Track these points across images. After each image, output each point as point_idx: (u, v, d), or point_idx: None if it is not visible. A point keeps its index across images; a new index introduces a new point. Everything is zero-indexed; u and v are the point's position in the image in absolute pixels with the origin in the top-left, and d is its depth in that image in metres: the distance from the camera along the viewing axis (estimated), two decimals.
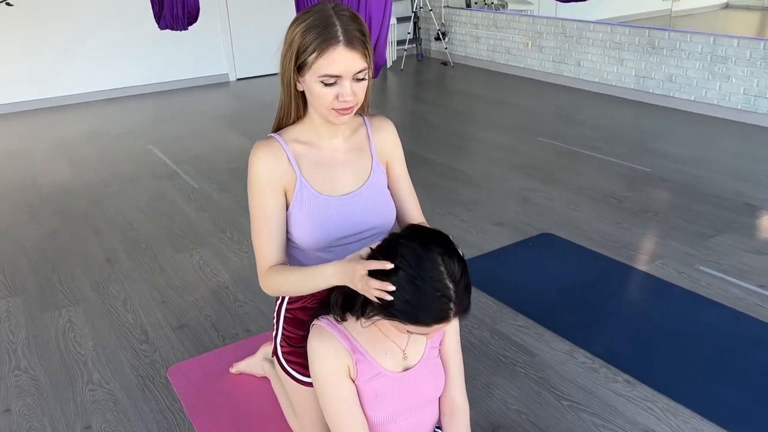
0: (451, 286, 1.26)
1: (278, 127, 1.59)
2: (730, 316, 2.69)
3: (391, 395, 1.46)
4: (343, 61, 1.37)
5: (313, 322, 1.49)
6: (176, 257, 3.36)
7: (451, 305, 1.27)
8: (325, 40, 1.36)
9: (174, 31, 4.85)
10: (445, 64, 8.07)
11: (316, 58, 1.37)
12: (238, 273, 3.17)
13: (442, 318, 1.28)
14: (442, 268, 1.26)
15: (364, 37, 1.41)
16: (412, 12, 8.18)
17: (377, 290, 1.26)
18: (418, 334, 1.32)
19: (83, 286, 3.11)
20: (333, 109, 1.43)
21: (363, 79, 1.42)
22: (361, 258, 1.32)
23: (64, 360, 2.56)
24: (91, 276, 3.20)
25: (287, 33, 1.44)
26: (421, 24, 8.46)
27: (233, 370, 2.31)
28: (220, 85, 7.39)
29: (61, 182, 4.49)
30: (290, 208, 1.53)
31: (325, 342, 1.43)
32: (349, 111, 1.44)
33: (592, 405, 2.22)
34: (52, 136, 5.60)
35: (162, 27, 4.68)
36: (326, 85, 1.40)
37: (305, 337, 1.54)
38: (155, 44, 6.85)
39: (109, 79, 6.86)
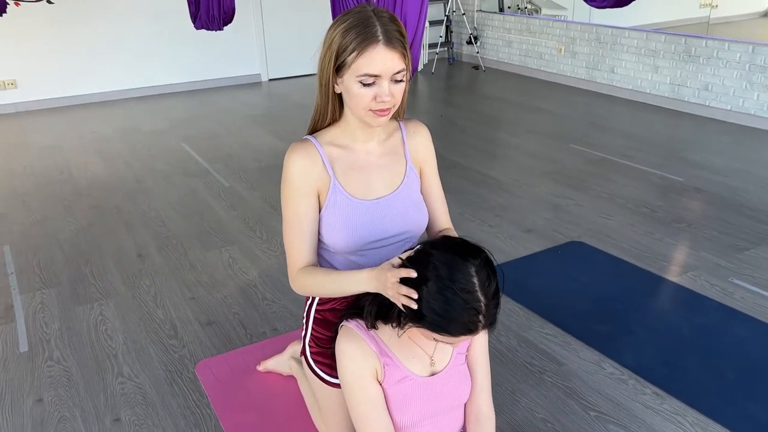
0: (482, 299, 1.26)
1: (313, 129, 1.60)
2: (763, 331, 2.63)
3: (417, 399, 1.46)
4: (382, 60, 1.38)
5: (342, 324, 1.50)
6: (206, 254, 3.40)
7: (480, 318, 1.26)
8: (364, 39, 1.37)
9: (209, 31, 4.92)
10: (476, 68, 8.04)
11: (356, 57, 1.38)
12: (267, 272, 3.20)
13: (469, 330, 1.27)
14: (475, 280, 1.26)
15: (403, 39, 1.41)
16: (445, 15, 8.18)
17: (404, 297, 1.27)
18: (444, 342, 1.32)
19: (115, 280, 3.17)
20: (371, 110, 1.43)
21: (401, 81, 1.43)
22: (393, 266, 1.33)
23: (96, 352, 2.60)
24: (122, 270, 3.26)
25: (327, 35, 1.44)
26: (454, 27, 8.44)
27: (260, 367, 2.33)
28: (252, 85, 7.46)
29: (96, 177, 4.58)
30: (323, 210, 1.54)
31: (354, 344, 1.43)
32: (387, 112, 1.44)
33: (620, 417, 2.19)
34: (88, 131, 5.71)
35: (198, 27, 4.75)
36: (365, 85, 1.40)
37: (334, 339, 1.55)
38: (189, 44, 6.95)
39: (144, 78, 6.98)
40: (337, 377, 1.66)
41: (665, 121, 5.67)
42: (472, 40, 8.07)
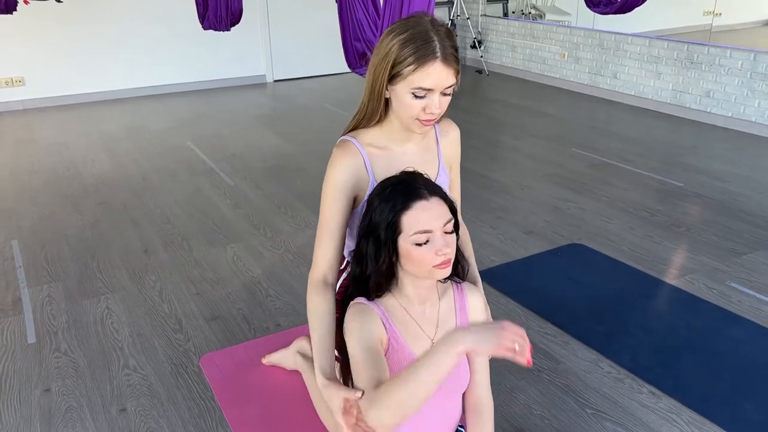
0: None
1: (353, 128, 1.64)
2: (759, 334, 2.67)
3: None
4: (438, 75, 1.43)
5: (353, 301, 1.53)
6: (211, 251, 3.45)
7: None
8: (424, 55, 1.42)
9: (216, 32, 4.98)
10: (480, 72, 8.10)
11: (413, 71, 1.43)
12: (271, 269, 3.24)
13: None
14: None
15: (457, 54, 1.48)
16: (449, 19, 8.23)
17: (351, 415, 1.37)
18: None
19: (121, 275, 3.22)
20: (418, 119, 1.49)
21: (449, 94, 1.49)
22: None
23: (102, 345, 2.65)
24: (128, 266, 3.31)
25: (382, 42, 1.49)
26: (458, 32, 8.49)
27: (265, 361, 2.38)
28: (257, 85, 7.52)
29: (103, 174, 4.63)
30: (359, 208, 1.60)
31: (366, 315, 1.46)
32: (432, 122, 1.52)
33: (616, 414, 2.24)
34: (95, 129, 5.77)
35: (205, 27, 4.81)
36: (416, 97, 1.46)
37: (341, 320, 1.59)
38: (196, 44, 7.01)
39: (151, 77, 7.04)
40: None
41: (667, 126, 5.71)
42: (476, 45, 8.13)
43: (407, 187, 1.39)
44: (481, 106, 6.67)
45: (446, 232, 1.39)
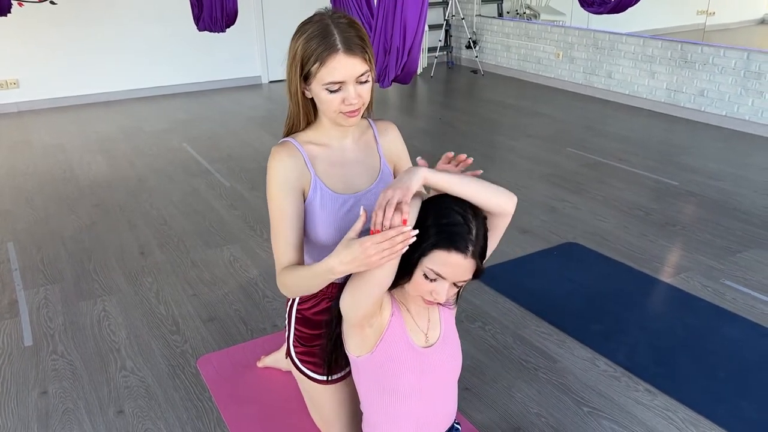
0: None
1: (288, 133, 1.66)
2: (754, 331, 2.69)
3: (411, 367, 1.49)
4: (343, 68, 1.44)
5: None
6: (207, 252, 3.45)
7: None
8: (325, 50, 1.43)
9: (211, 33, 4.98)
10: (475, 72, 8.11)
11: (319, 67, 1.44)
12: (267, 270, 3.25)
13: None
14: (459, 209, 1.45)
15: (363, 42, 1.47)
16: (444, 20, 8.25)
17: (395, 249, 1.29)
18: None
19: (118, 277, 3.22)
20: (341, 112, 1.50)
21: (366, 81, 1.49)
22: (356, 234, 1.33)
23: (99, 347, 2.65)
24: (125, 267, 3.30)
25: (290, 45, 1.51)
26: (453, 32, 8.51)
27: (260, 364, 2.38)
28: (252, 86, 7.52)
29: (99, 176, 4.63)
30: (306, 206, 1.59)
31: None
32: (357, 113, 1.51)
33: (613, 412, 2.25)
34: (91, 131, 5.76)
35: (201, 28, 4.81)
36: (331, 91, 1.47)
37: (317, 336, 1.60)
38: (191, 45, 7.01)
39: (147, 78, 7.03)
40: (323, 374, 1.70)
41: (661, 125, 5.73)
42: (471, 45, 8.14)
43: (459, 233, 1.39)
44: (477, 107, 6.68)
45: (454, 284, 1.43)
